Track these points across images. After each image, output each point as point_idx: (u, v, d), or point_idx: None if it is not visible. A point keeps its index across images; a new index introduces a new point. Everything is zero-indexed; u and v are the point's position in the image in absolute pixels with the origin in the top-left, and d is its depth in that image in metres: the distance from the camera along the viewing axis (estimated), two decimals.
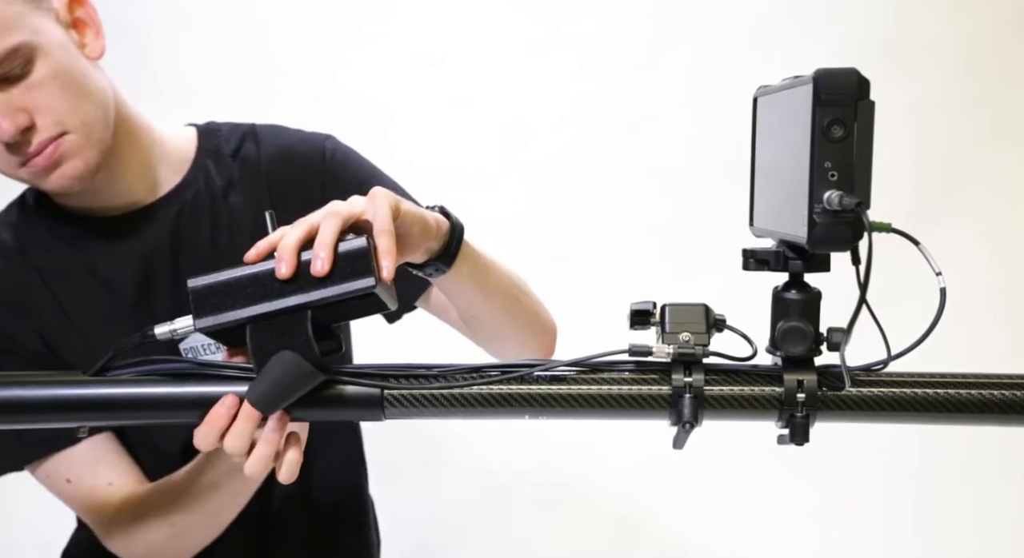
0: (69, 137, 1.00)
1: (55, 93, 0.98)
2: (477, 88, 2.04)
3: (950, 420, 0.83)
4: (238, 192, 1.16)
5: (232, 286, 0.80)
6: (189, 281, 0.80)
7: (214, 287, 0.80)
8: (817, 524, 2.13)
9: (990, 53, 2.04)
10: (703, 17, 2.05)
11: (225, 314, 0.80)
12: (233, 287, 0.80)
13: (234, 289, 0.80)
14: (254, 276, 0.80)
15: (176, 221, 1.13)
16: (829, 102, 0.71)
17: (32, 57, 0.96)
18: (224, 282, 0.80)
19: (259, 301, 0.79)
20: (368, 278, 0.79)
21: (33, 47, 0.96)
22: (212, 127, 1.21)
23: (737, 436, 1.63)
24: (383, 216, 0.82)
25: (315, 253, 0.78)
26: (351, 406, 0.83)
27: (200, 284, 0.80)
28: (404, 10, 2.01)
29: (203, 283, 0.80)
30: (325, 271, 0.77)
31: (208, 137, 1.19)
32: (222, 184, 1.16)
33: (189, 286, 0.80)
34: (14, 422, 0.86)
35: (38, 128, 0.98)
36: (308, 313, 0.80)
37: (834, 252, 0.76)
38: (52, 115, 0.98)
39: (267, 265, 0.80)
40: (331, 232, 0.79)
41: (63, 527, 1.45)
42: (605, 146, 2.06)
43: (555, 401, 0.83)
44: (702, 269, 1.78)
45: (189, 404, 0.84)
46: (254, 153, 1.18)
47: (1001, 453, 2.05)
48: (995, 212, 2.08)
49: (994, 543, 2.11)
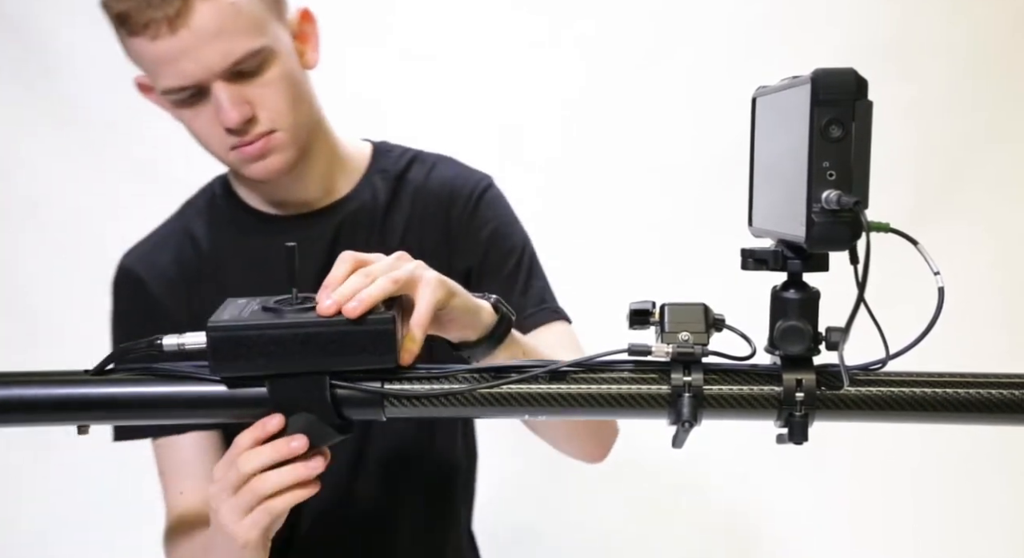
0: (279, 134, 1.11)
1: (279, 94, 1.09)
2: (477, 88, 2.04)
3: (949, 419, 0.83)
4: (396, 212, 1.23)
5: (253, 341, 0.80)
6: (209, 322, 0.80)
7: (235, 339, 0.80)
8: (816, 524, 2.13)
9: (989, 53, 2.04)
10: (703, 18, 2.05)
11: (245, 366, 0.81)
12: (254, 342, 0.80)
13: (255, 344, 0.80)
14: (278, 337, 0.80)
15: (338, 229, 1.21)
16: (827, 102, 0.71)
17: (268, 59, 1.08)
18: (246, 337, 0.80)
19: (280, 361, 0.80)
20: (388, 359, 0.82)
21: (271, 51, 1.08)
22: (386, 146, 1.30)
23: (736, 436, 1.63)
24: (424, 308, 0.86)
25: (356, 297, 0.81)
26: (351, 404, 0.83)
27: (220, 334, 0.80)
28: (404, 9, 2.02)
29: (224, 333, 0.80)
30: (355, 315, 0.80)
31: (381, 155, 1.28)
32: (384, 202, 1.23)
33: (208, 326, 0.80)
34: (14, 422, 0.86)
35: (257, 121, 1.09)
36: (327, 378, 0.81)
37: (832, 251, 0.76)
38: (271, 112, 1.09)
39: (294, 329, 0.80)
40: (379, 292, 0.82)
41: (62, 527, 1.46)
42: (604, 146, 2.06)
43: (555, 400, 0.83)
44: (701, 269, 1.78)
45: (190, 404, 0.84)
46: (418, 178, 1.26)
47: (1000, 453, 2.06)
48: (994, 212, 2.08)
49: (994, 543, 2.11)
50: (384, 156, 1.28)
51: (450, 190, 1.25)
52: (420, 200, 1.24)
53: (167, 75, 1.06)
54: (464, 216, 1.24)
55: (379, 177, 1.25)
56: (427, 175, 1.26)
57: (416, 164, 1.27)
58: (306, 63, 1.16)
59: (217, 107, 1.07)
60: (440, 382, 0.84)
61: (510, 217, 1.28)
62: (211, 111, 1.08)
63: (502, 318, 0.96)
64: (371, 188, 1.24)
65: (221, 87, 1.06)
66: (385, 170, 1.26)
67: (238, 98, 1.07)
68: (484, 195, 1.26)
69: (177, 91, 1.07)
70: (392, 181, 1.25)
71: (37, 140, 2.06)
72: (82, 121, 2.06)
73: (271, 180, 1.15)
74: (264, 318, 0.81)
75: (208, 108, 1.08)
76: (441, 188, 1.25)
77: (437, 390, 0.83)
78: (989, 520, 2.12)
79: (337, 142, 1.24)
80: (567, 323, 1.24)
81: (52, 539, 2.11)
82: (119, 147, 2.06)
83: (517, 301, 1.20)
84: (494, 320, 0.95)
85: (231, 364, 0.80)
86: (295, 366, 0.81)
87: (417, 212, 1.24)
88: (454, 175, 1.27)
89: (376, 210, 1.23)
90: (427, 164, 1.28)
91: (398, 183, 1.25)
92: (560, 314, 1.24)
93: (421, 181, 1.25)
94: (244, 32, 1.05)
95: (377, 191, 1.24)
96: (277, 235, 1.19)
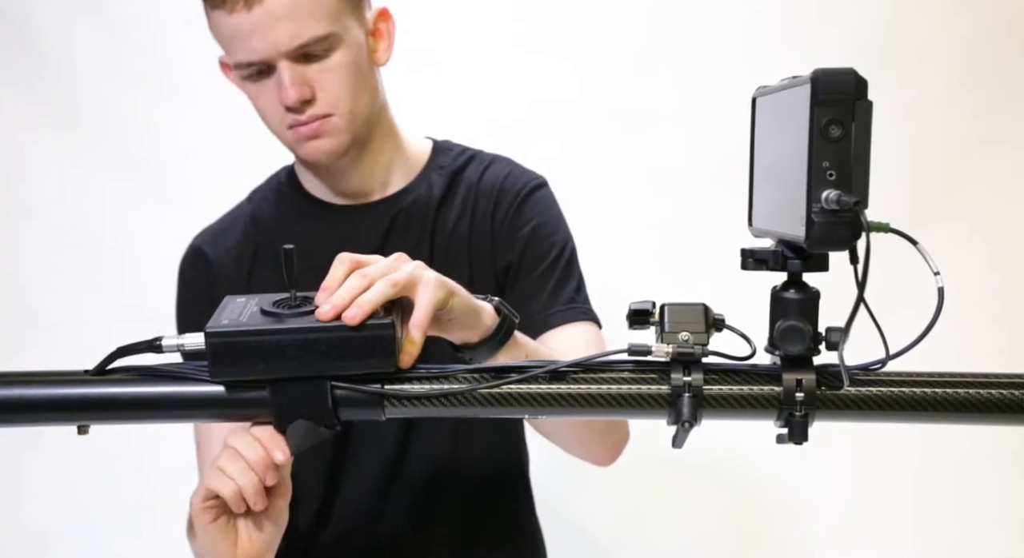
0: (334, 119, 1.16)
1: (339, 81, 1.15)
2: (474, 88, 2.04)
3: (948, 419, 0.83)
4: (449, 208, 1.26)
5: (253, 347, 0.80)
6: (208, 327, 0.80)
7: (234, 345, 0.80)
8: (815, 523, 2.13)
9: (988, 53, 2.04)
10: (702, 18, 2.05)
11: (244, 371, 0.81)
12: (254, 348, 0.80)
13: (255, 349, 0.80)
14: (277, 343, 0.80)
15: (391, 221, 1.25)
16: (827, 102, 0.71)
17: (334, 46, 1.14)
18: (246, 343, 0.80)
19: (279, 366, 0.80)
20: (388, 363, 0.82)
21: (339, 39, 1.14)
22: (446, 145, 1.34)
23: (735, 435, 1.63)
24: (424, 310, 0.86)
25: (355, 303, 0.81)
26: (352, 405, 0.83)
27: (220, 340, 0.80)
28: (403, 10, 2.01)
29: (223, 339, 0.80)
30: (356, 322, 0.80)
31: (440, 152, 1.32)
32: (439, 197, 1.26)
33: (206, 331, 0.80)
34: (14, 422, 0.86)
35: (315, 102, 1.15)
36: (328, 382, 0.81)
37: (832, 251, 0.75)
38: (330, 96, 1.15)
39: (293, 335, 0.80)
40: (378, 297, 0.82)
41: (62, 527, 1.46)
42: (604, 146, 2.06)
43: (555, 400, 0.83)
44: (701, 269, 1.78)
45: (189, 405, 0.84)
46: (473, 176, 1.29)
47: (1000, 453, 2.05)
48: (993, 212, 2.08)
49: (993, 542, 2.11)
50: (443, 153, 1.31)
51: (500, 188, 1.27)
52: (472, 197, 1.27)
53: (239, 50, 1.13)
54: (509, 213, 1.26)
55: (436, 173, 1.28)
56: (481, 173, 1.29)
57: (473, 162, 1.30)
58: (376, 59, 1.22)
59: (279, 84, 1.13)
60: (440, 382, 0.84)
61: (555, 217, 1.29)
62: (274, 89, 1.14)
63: (504, 320, 0.96)
64: (427, 183, 1.27)
65: (285, 66, 1.12)
66: (442, 167, 1.29)
67: (300, 79, 1.13)
68: (532, 194, 1.28)
69: (246, 66, 1.14)
70: (448, 177, 1.28)
71: (36, 140, 2.06)
72: (82, 121, 2.06)
73: (322, 163, 1.20)
74: (264, 323, 0.81)
75: (272, 85, 1.14)
76: (492, 186, 1.27)
77: (437, 390, 0.83)
78: (988, 520, 2.11)
79: (400, 138, 1.28)
80: (595, 325, 1.24)
81: (52, 539, 2.11)
82: (118, 147, 2.06)
83: (547, 299, 1.21)
84: (496, 322, 0.95)
85: (231, 369, 0.80)
86: (294, 371, 0.81)
87: (468, 209, 1.26)
88: (507, 174, 1.29)
89: (430, 205, 1.25)
90: (483, 162, 1.30)
91: (453, 180, 1.28)
92: (589, 316, 1.24)
93: (475, 179, 1.28)
94: (314, 17, 1.11)
95: (432, 187, 1.27)
96: (334, 223, 1.26)
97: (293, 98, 1.12)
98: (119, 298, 2.05)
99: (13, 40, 2.03)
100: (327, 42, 1.13)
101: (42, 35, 2.02)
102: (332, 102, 1.15)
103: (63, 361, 0.89)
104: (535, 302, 1.20)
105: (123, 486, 2.09)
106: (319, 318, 0.81)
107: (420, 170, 1.29)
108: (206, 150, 2.02)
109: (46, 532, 2.11)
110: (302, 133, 1.16)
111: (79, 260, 2.08)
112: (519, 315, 0.99)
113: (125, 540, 2.08)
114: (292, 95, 1.12)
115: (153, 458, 1.94)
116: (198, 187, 1.33)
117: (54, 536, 2.11)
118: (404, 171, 1.28)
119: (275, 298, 0.86)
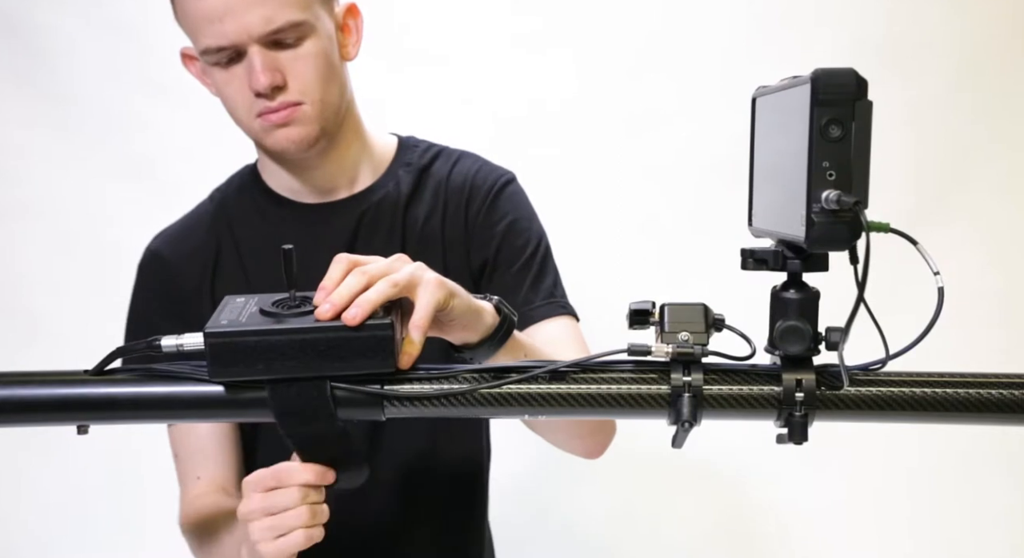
0: (305, 107, 1.14)
1: (311, 68, 1.13)
2: (474, 88, 2.04)
3: (948, 419, 0.83)
4: (418, 204, 1.25)
5: (252, 347, 0.80)
6: (207, 328, 0.80)
7: (234, 346, 0.80)
8: (814, 523, 2.13)
9: (988, 54, 2.04)
10: (702, 18, 2.05)
11: (244, 372, 0.80)
12: (253, 348, 0.80)
13: (254, 350, 0.80)
14: (277, 344, 0.80)
15: (360, 219, 1.24)
16: (827, 102, 0.71)
17: (306, 35, 1.13)
18: (245, 343, 0.79)
19: (279, 367, 0.80)
20: (387, 364, 0.81)
21: (311, 27, 1.13)
22: (411, 141, 1.32)
23: (734, 434, 1.63)
24: (424, 311, 0.85)
25: (355, 303, 0.81)
26: (351, 405, 0.83)
27: (219, 341, 0.80)
28: (403, 10, 2.02)
29: (223, 339, 0.80)
30: (356, 323, 0.80)
31: (406, 148, 1.30)
32: (407, 194, 1.25)
33: (206, 332, 0.80)
34: (14, 422, 0.86)
35: (286, 89, 1.13)
36: (328, 383, 0.81)
37: (832, 251, 0.76)
38: (300, 84, 1.13)
39: (292, 335, 0.80)
40: (378, 297, 0.82)
41: (62, 527, 1.46)
42: (603, 146, 2.06)
43: (555, 400, 0.83)
44: (701, 269, 1.78)
45: (189, 405, 0.84)
46: (441, 172, 1.28)
47: (999, 453, 2.06)
48: (993, 212, 2.08)
49: (992, 542, 2.11)
50: (409, 150, 1.30)
51: (471, 184, 1.26)
52: (441, 194, 1.26)
53: (209, 34, 1.10)
54: (482, 210, 1.25)
55: (403, 170, 1.27)
56: (450, 169, 1.28)
57: (440, 159, 1.29)
58: (345, 54, 1.21)
59: (249, 70, 1.11)
60: (440, 382, 0.83)
61: (528, 213, 1.29)
62: (244, 75, 1.12)
63: (504, 319, 0.96)
64: (395, 180, 1.26)
65: (256, 51, 1.10)
66: (409, 163, 1.28)
67: (271, 64, 1.11)
68: (504, 190, 1.27)
69: (215, 52, 1.11)
70: (416, 174, 1.27)
71: (36, 139, 2.06)
72: (81, 121, 2.06)
73: (290, 153, 1.17)
74: (263, 323, 0.81)
75: (241, 72, 1.12)
76: (463, 182, 1.27)
77: (437, 390, 0.83)
78: (987, 520, 2.12)
79: (366, 135, 1.27)
80: (574, 319, 1.25)
81: (52, 539, 2.11)
82: (118, 147, 2.06)
83: (526, 294, 1.21)
84: (496, 321, 0.95)
85: (230, 369, 0.80)
86: (294, 371, 0.81)
87: (439, 205, 1.25)
88: (476, 170, 1.28)
89: (398, 202, 1.25)
90: (451, 159, 1.29)
91: (421, 176, 1.27)
92: (567, 310, 1.25)
93: (443, 175, 1.27)
94: (288, 3, 1.10)
95: (400, 183, 1.26)
96: (299, 221, 1.24)
97: (264, 83, 1.10)
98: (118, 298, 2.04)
99: (13, 40, 2.03)
100: (300, 29, 1.11)
101: (42, 35, 2.02)
102: (303, 89, 1.13)
103: (62, 361, 0.89)
104: (514, 297, 1.19)
105: (123, 486, 2.09)
106: (318, 318, 0.81)
107: (386, 167, 1.27)
108: (205, 150, 2.01)
109: (46, 532, 2.11)
110: (271, 120, 1.14)
111: (78, 260, 2.08)
112: None
113: (125, 540, 2.08)
114: (263, 80, 1.10)
115: (153, 458, 1.93)
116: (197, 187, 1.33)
117: (54, 536, 2.11)
118: (371, 168, 1.27)
119: (274, 298, 0.86)
